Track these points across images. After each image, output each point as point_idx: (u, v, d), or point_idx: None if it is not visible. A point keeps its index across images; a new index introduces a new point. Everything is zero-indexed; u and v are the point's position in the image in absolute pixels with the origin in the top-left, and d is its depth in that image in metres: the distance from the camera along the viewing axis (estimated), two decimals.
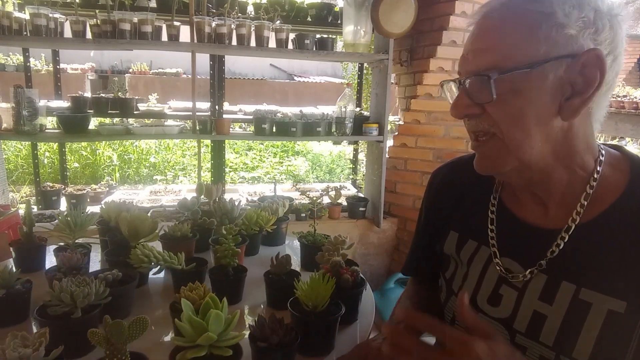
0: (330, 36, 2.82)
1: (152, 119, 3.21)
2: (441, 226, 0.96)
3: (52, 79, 2.97)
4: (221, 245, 1.20)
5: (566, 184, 0.76)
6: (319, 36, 2.70)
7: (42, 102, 2.44)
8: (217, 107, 2.82)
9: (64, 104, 2.72)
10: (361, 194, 3.16)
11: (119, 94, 2.64)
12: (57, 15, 2.28)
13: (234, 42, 2.49)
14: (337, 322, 0.99)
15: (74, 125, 2.40)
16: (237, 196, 3.01)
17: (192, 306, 0.82)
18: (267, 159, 6.64)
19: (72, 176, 5.05)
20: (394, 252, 3.07)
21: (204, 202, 1.66)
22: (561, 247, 0.75)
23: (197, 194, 1.67)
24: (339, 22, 2.83)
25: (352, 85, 3.22)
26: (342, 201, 2.94)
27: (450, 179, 1.00)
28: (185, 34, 2.47)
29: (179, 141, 6.43)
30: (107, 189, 3.23)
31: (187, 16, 2.40)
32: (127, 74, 8.88)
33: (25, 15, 2.32)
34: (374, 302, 1.25)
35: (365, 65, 3.33)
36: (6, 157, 5.22)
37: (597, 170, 0.75)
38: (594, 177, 0.75)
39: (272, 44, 2.55)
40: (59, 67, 2.96)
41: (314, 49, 2.66)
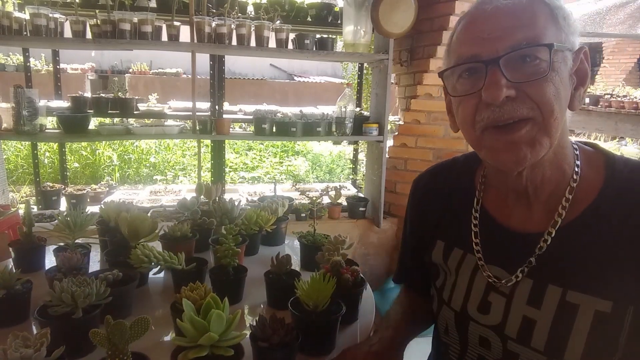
0: (330, 36, 2.82)
1: (152, 119, 3.21)
2: (429, 237, 0.96)
3: (52, 79, 2.97)
4: (221, 245, 1.20)
5: (555, 182, 0.77)
6: (319, 36, 2.70)
7: (42, 102, 2.44)
8: (217, 107, 2.82)
9: (64, 104, 2.72)
10: (361, 194, 3.16)
11: (119, 94, 2.64)
12: (57, 15, 2.28)
13: (234, 42, 2.49)
14: (338, 322, 1.00)
15: (74, 125, 2.40)
16: (237, 196, 3.01)
17: (193, 306, 0.82)
18: (267, 159, 6.63)
19: (72, 176, 5.05)
20: (394, 252, 3.07)
21: (204, 202, 1.66)
22: (544, 250, 0.75)
23: (196, 194, 1.67)
24: (339, 22, 2.83)
25: (352, 85, 3.22)
26: (342, 201, 2.94)
27: (431, 187, 0.99)
28: (185, 34, 2.47)
29: (179, 141, 6.43)
30: (107, 189, 3.23)
31: (187, 16, 2.40)
32: (127, 74, 8.88)
33: (25, 15, 2.32)
34: (374, 302, 1.25)
35: (365, 65, 3.33)
36: (6, 157, 5.22)
37: (576, 169, 0.76)
38: (573, 178, 0.75)
39: (272, 44, 2.55)
40: (59, 67, 2.96)
41: (314, 49, 2.66)
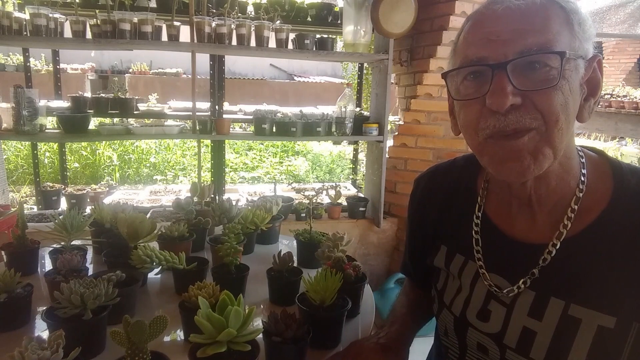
0: (330, 36, 2.82)
1: (152, 119, 3.21)
2: (430, 240, 0.95)
3: (52, 79, 2.97)
4: (223, 244, 1.20)
5: (560, 193, 0.74)
6: (319, 36, 2.70)
7: (42, 102, 2.44)
8: (217, 107, 2.82)
9: (64, 104, 2.72)
10: (361, 194, 3.16)
11: (119, 94, 2.64)
12: (57, 15, 2.28)
13: (234, 42, 2.49)
14: (344, 316, 1.01)
15: (74, 125, 2.40)
16: (237, 196, 3.01)
17: (208, 304, 0.82)
18: (267, 159, 6.63)
19: (72, 176, 5.05)
20: (394, 252, 3.07)
21: (197, 202, 1.67)
22: (548, 262, 0.72)
23: (191, 194, 1.69)
24: (339, 22, 2.83)
25: (352, 85, 3.22)
26: (342, 201, 2.94)
27: (431, 189, 0.97)
28: (185, 34, 2.47)
29: (179, 141, 6.43)
30: (107, 189, 3.22)
31: (187, 16, 2.40)
32: (127, 74, 8.87)
33: (25, 15, 2.32)
34: (373, 298, 1.26)
35: (365, 65, 3.33)
36: (6, 157, 5.22)
37: (582, 179, 0.73)
38: (579, 188, 0.73)
39: (272, 44, 2.55)
40: (59, 67, 2.95)
41: (314, 49, 2.66)
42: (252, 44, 2.50)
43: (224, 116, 2.80)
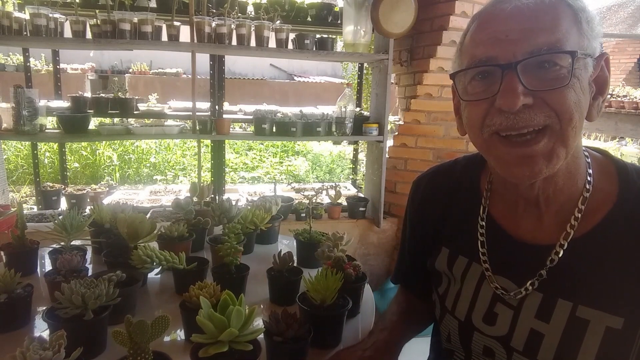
0: (330, 36, 2.82)
1: (152, 119, 3.21)
2: (431, 242, 0.93)
3: (52, 79, 2.97)
4: (223, 244, 1.20)
5: (567, 193, 0.73)
6: (319, 36, 2.70)
7: (42, 102, 2.44)
8: (217, 107, 2.82)
9: (64, 104, 2.72)
10: (361, 194, 3.16)
11: (119, 94, 2.64)
12: (57, 15, 2.28)
13: (234, 42, 2.49)
14: (345, 315, 1.01)
15: (74, 125, 2.40)
16: (237, 196, 3.01)
17: (209, 303, 0.82)
18: (267, 159, 6.64)
19: (72, 176, 5.05)
20: (394, 252, 3.07)
21: (196, 202, 1.67)
22: (555, 263, 0.72)
23: (190, 194, 1.69)
24: (339, 22, 2.83)
25: (352, 85, 3.22)
26: (342, 201, 2.94)
27: (432, 190, 0.96)
28: (185, 34, 2.47)
29: (179, 141, 6.43)
30: (107, 189, 3.22)
31: (187, 16, 2.40)
32: (127, 74, 8.87)
33: (25, 15, 2.32)
34: (373, 297, 1.27)
35: (365, 65, 3.33)
36: (6, 157, 5.22)
37: (589, 179, 0.73)
38: (586, 188, 0.72)
39: (272, 44, 2.55)
40: (59, 67, 2.95)
41: (314, 49, 2.66)
42: (252, 44, 2.50)
43: (224, 116, 2.80)
